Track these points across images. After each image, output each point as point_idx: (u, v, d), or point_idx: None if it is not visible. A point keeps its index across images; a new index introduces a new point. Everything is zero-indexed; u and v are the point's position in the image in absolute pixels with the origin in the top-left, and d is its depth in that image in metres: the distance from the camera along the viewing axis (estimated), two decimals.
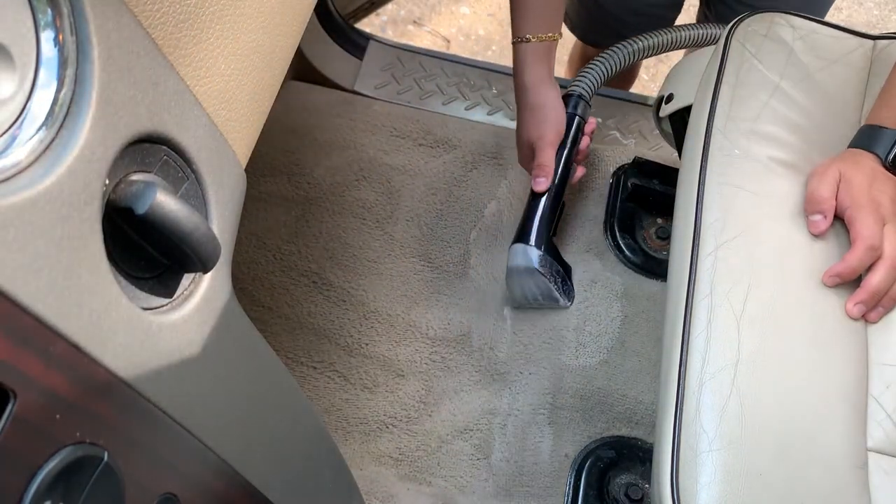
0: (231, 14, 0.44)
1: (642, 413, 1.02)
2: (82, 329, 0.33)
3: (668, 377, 0.68)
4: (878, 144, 0.73)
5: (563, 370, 1.04)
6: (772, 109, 0.78)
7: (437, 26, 1.91)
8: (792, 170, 0.75)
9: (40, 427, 0.31)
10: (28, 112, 0.32)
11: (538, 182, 0.99)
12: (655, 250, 1.14)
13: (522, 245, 0.99)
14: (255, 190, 1.15)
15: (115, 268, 0.36)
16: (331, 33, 1.28)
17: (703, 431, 0.64)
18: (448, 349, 1.06)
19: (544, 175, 0.98)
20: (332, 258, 1.11)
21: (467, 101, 1.26)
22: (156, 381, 0.38)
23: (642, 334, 1.06)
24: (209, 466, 0.45)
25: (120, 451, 0.35)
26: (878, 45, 0.84)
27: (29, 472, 0.30)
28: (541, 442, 1.00)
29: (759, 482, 0.62)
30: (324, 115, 1.22)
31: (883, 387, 0.68)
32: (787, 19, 0.83)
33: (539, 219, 1.00)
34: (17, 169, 0.31)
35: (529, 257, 0.99)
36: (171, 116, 0.40)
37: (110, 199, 0.35)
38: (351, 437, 1.00)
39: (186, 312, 0.41)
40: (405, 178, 1.17)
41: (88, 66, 0.34)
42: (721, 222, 0.72)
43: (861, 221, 0.69)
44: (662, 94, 0.96)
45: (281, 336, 1.06)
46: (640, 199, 1.15)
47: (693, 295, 0.69)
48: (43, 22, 0.33)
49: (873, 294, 0.68)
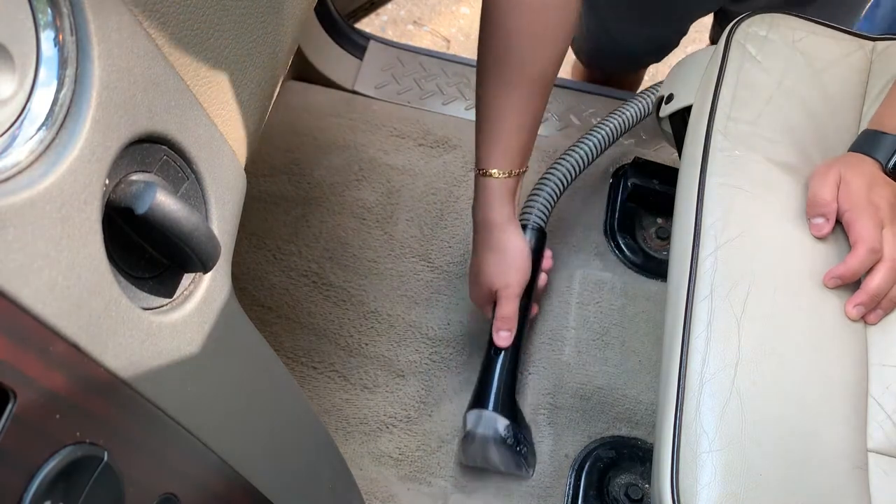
0: (231, 14, 0.44)
1: (642, 413, 1.02)
2: (82, 329, 0.33)
3: (668, 377, 0.68)
4: (880, 150, 0.73)
5: (563, 370, 1.04)
6: (772, 110, 0.78)
7: (437, 26, 1.91)
8: (792, 171, 0.75)
9: (40, 427, 0.31)
10: (28, 112, 0.32)
11: (501, 337, 0.90)
12: (655, 250, 1.14)
13: (484, 411, 0.89)
14: (255, 190, 1.15)
15: (115, 268, 0.36)
16: (331, 33, 1.28)
17: (703, 431, 0.64)
18: (448, 349, 1.06)
19: (508, 328, 0.90)
20: (332, 258, 1.11)
21: (467, 101, 1.26)
22: (156, 381, 0.38)
23: (642, 334, 1.06)
24: (209, 466, 0.45)
25: (120, 451, 0.35)
26: (878, 46, 0.84)
27: (29, 472, 0.30)
28: (541, 442, 1.00)
29: (759, 482, 0.62)
30: (324, 115, 1.22)
31: (883, 388, 0.68)
32: (787, 20, 0.83)
33: (500, 378, 0.91)
34: (17, 169, 0.31)
35: (494, 426, 0.89)
36: (171, 116, 0.39)
37: (110, 199, 0.35)
38: (351, 437, 1.00)
39: (186, 312, 0.41)
40: (405, 178, 1.17)
41: (88, 66, 0.34)
42: (721, 223, 0.72)
43: (861, 224, 0.69)
44: (662, 94, 0.95)
45: (281, 336, 1.06)
46: (640, 199, 1.15)
47: (693, 295, 0.69)
48: (43, 22, 0.33)
49: (873, 296, 0.69)
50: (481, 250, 0.87)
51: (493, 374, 0.91)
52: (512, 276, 0.87)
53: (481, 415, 0.89)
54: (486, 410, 0.89)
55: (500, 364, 0.91)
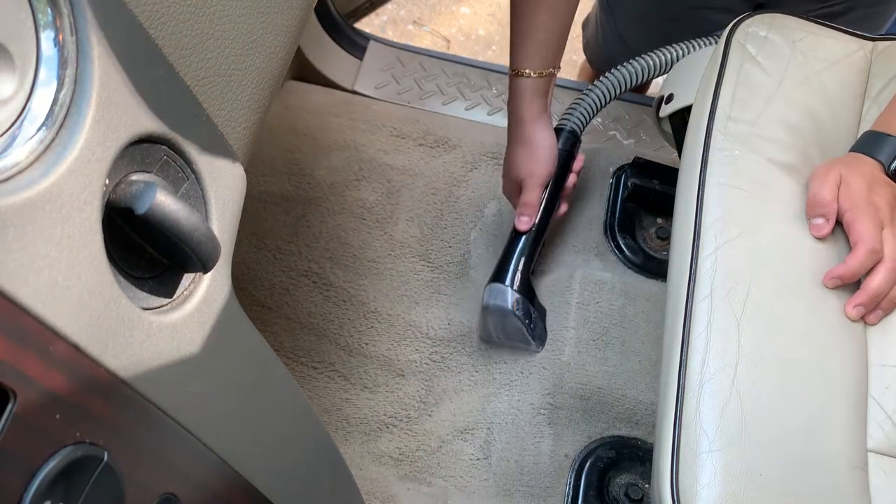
0: (231, 14, 0.44)
1: (642, 413, 1.02)
2: (82, 329, 0.33)
3: (668, 377, 0.68)
4: (882, 151, 0.73)
5: (563, 370, 1.04)
6: (772, 110, 0.78)
7: (437, 26, 1.91)
8: (792, 171, 0.75)
9: (40, 427, 0.31)
10: (28, 112, 0.32)
11: (521, 221, 0.98)
12: (655, 250, 1.14)
13: (499, 285, 0.98)
14: (255, 190, 1.15)
15: (115, 268, 0.36)
16: (331, 33, 1.28)
17: (703, 432, 0.64)
18: (448, 349, 1.06)
19: (528, 214, 0.98)
20: (332, 258, 1.11)
21: (467, 101, 1.26)
22: (156, 381, 0.38)
23: (642, 334, 1.06)
24: (209, 466, 0.45)
25: (120, 451, 0.35)
26: (878, 46, 0.84)
27: (29, 472, 0.30)
28: (541, 442, 1.00)
29: (759, 482, 0.62)
30: (324, 115, 1.22)
31: (882, 388, 0.68)
32: (788, 20, 0.83)
33: (518, 258, 0.99)
34: (17, 169, 0.31)
35: (505, 298, 0.98)
36: (171, 116, 0.39)
37: (110, 199, 0.35)
38: (351, 437, 1.00)
39: (186, 312, 0.41)
40: (405, 178, 1.17)
41: (88, 66, 0.34)
42: (721, 223, 0.72)
43: (861, 224, 0.69)
44: (662, 94, 0.95)
45: (281, 336, 1.06)
46: (640, 199, 1.15)
47: (693, 295, 0.69)
48: (43, 22, 0.33)
49: (873, 297, 0.69)
50: (512, 144, 0.96)
51: (512, 254, 1.00)
52: (536, 166, 0.95)
53: (496, 288, 0.99)
54: (501, 284, 0.98)
55: (518, 246, 1.00)
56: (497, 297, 0.99)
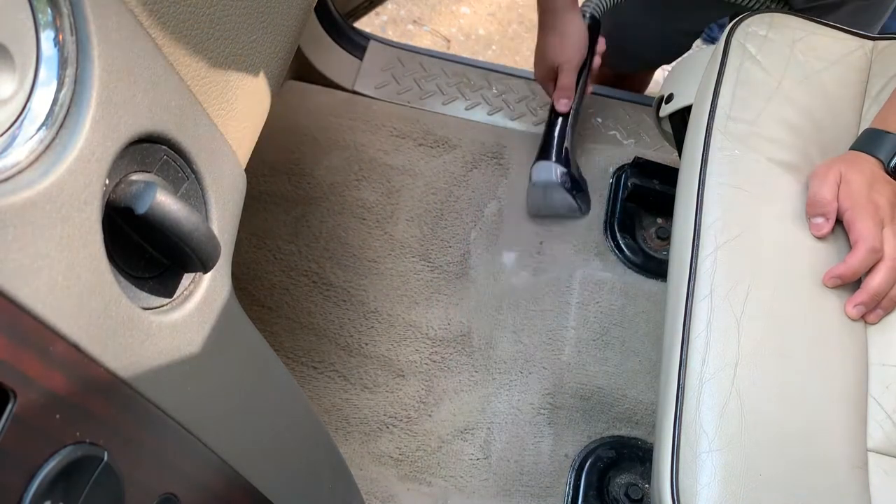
0: (231, 14, 0.44)
1: (642, 413, 1.02)
2: (82, 329, 0.33)
3: (668, 377, 0.68)
4: (881, 149, 0.73)
5: (563, 370, 1.04)
6: (772, 110, 0.78)
7: (437, 26, 1.91)
8: (792, 170, 0.75)
9: (40, 427, 0.31)
10: (28, 112, 0.32)
11: (562, 103, 1.07)
12: (655, 250, 1.14)
13: (546, 161, 1.08)
14: (255, 190, 1.15)
15: (115, 268, 0.36)
16: (331, 33, 1.27)
17: (703, 431, 0.64)
18: (448, 349, 1.06)
19: (567, 97, 1.06)
20: (332, 258, 1.11)
21: (467, 101, 1.26)
22: (156, 381, 0.38)
23: (642, 334, 1.06)
24: (209, 466, 0.45)
25: (120, 451, 0.35)
26: (878, 45, 0.84)
27: (29, 472, 0.30)
28: (541, 442, 1.00)
29: (759, 482, 0.62)
30: (324, 115, 1.22)
31: (882, 387, 0.68)
32: (788, 19, 0.83)
33: (560, 137, 1.08)
34: (17, 169, 0.31)
35: (552, 172, 1.07)
36: (171, 116, 0.39)
37: (110, 199, 0.35)
38: (351, 437, 1.00)
39: (186, 312, 0.41)
40: (405, 178, 1.17)
41: (88, 65, 0.34)
42: (721, 222, 0.72)
43: (862, 223, 0.69)
44: (662, 94, 0.95)
45: (281, 336, 1.06)
46: (640, 199, 1.15)
47: (693, 295, 0.69)
48: (43, 22, 0.33)
49: (873, 296, 0.68)
50: (546, 32, 1.03)
51: (554, 133, 1.09)
52: (571, 52, 1.03)
53: (542, 165, 1.08)
54: (547, 161, 1.08)
55: (559, 126, 1.09)
56: (544, 173, 1.08)
